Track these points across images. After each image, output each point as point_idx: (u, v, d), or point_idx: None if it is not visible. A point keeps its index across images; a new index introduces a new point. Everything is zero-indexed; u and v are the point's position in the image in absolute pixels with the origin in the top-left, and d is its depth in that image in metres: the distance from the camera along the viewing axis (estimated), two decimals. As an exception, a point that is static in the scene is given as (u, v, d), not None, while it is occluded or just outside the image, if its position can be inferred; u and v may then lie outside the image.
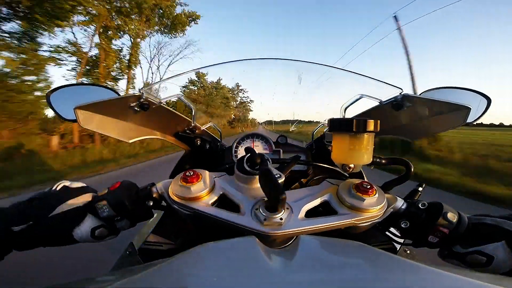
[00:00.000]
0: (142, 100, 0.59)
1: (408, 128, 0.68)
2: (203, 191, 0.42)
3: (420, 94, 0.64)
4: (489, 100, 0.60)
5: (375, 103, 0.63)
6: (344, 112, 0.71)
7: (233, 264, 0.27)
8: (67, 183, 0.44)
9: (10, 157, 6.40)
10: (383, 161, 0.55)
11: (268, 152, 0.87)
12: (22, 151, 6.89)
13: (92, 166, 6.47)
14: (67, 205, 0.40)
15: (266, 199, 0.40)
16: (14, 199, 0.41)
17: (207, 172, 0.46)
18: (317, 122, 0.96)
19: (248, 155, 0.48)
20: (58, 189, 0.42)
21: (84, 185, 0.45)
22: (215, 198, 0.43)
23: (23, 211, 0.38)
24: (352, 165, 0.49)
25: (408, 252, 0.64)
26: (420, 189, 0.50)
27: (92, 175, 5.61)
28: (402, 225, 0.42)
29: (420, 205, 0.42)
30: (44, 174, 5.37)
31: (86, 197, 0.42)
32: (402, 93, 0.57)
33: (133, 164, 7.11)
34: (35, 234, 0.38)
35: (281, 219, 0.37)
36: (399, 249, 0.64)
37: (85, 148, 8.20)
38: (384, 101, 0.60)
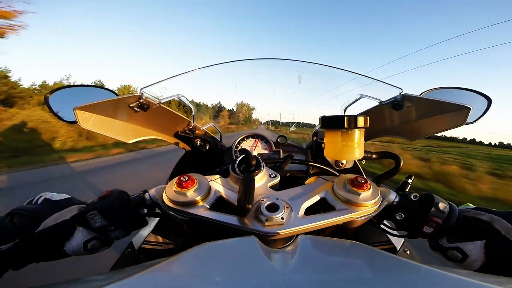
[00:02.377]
0: (141, 100, 0.58)
1: (408, 128, 0.68)
2: (199, 195, 0.41)
3: (420, 94, 0.64)
4: (489, 101, 0.60)
5: (375, 103, 0.63)
6: (344, 112, 0.71)
7: (233, 264, 0.27)
8: (48, 195, 0.42)
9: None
10: (374, 156, 0.56)
11: (268, 152, 0.87)
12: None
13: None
14: (52, 219, 0.38)
15: (264, 199, 0.40)
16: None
17: (202, 175, 0.46)
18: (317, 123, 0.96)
19: (242, 156, 0.48)
20: (39, 202, 0.40)
21: (68, 196, 0.44)
22: (212, 201, 0.42)
23: (6, 228, 0.36)
24: (344, 161, 0.50)
25: (408, 252, 0.64)
26: (410, 181, 0.51)
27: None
28: (397, 217, 0.43)
29: (412, 197, 0.43)
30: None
31: (73, 210, 0.40)
32: (402, 93, 0.57)
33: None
34: (24, 252, 0.36)
35: (282, 218, 0.37)
36: (399, 249, 0.64)
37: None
38: (384, 101, 0.60)
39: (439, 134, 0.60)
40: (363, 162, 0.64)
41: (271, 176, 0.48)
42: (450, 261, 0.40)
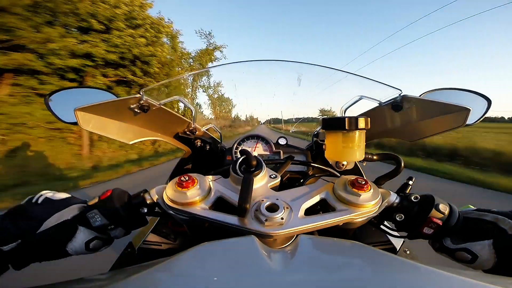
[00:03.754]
0: (142, 101, 0.59)
1: (408, 129, 0.68)
2: (199, 195, 0.41)
3: (420, 95, 0.64)
4: (489, 102, 0.60)
5: (375, 104, 0.63)
6: (344, 113, 0.71)
7: (233, 263, 0.27)
8: (48, 194, 0.41)
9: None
10: (375, 157, 0.57)
11: (268, 153, 0.87)
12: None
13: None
14: (54, 219, 0.38)
15: (264, 199, 0.40)
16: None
17: (202, 176, 0.46)
18: (318, 122, 0.96)
19: (243, 157, 0.48)
20: (40, 202, 0.40)
21: (68, 195, 0.43)
22: (212, 201, 0.43)
23: (8, 229, 0.35)
24: (345, 162, 0.50)
25: (408, 252, 0.64)
26: (411, 182, 0.51)
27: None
28: (397, 218, 0.43)
29: (412, 198, 0.43)
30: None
31: (74, 209, 0.40)
32: (401, 94, 0.57)
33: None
34: (27, 252, 0.36)
35: (282, 218, 0.37)
36: (399, 249, 0.64)
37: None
38: (384, 102, 0.60)
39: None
40: (364, 163, 0.64)
41: (272, 177, 0.48)
42: (459, 263, 0.40)
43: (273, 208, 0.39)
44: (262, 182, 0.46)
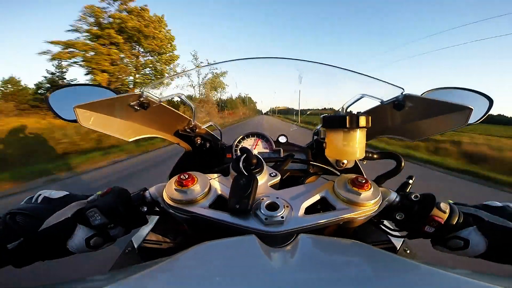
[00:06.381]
0: (142, 99, 0.58)
1: (409, 128, 0.67)
2: (199, 194, 0.41)
3: (422, 94, 0.64)
4: (491, 101, 0.60)
5: (377, 103, 0.63)
6: (345, 112, 0.71)
7: (234, 263, 0.27)
8: (46, 193, 0.42)
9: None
10: (375, 155, 0.56)
11: (268, 151, 0.87)
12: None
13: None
14: (54, 217, 0.38)
15: (264, 198, 0.40)
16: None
17: (202, 174, 0.46)
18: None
19: (244, 155, 0.48)
20: (39, 201, 0.41)
21: (66, 193, 0.44)
22: (212, 200, 0.42)
23: (10, 227, 0.36)
24: (345, 161, 0.49)
25: (408, 251, 0.64)
26: (411, 181, 0.51)
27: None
28: (398, 217, 0.44)
29: (413, 197, 0.43)
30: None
31: (73, 207, 0.41)
32: (403, 93, 0.56)
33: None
34: (29, 250, 0.37)
35: (282, 217, 0.37)
36: (399, 248, 0.64)
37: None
38: (386, 101, 0.60)
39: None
40: (364, 162, 0.64)
41: (272, 175, 0.48)
42: (453, 252, 0.41)
43: (273, 206, 0.39)
44: (262, 180, 0.46)
